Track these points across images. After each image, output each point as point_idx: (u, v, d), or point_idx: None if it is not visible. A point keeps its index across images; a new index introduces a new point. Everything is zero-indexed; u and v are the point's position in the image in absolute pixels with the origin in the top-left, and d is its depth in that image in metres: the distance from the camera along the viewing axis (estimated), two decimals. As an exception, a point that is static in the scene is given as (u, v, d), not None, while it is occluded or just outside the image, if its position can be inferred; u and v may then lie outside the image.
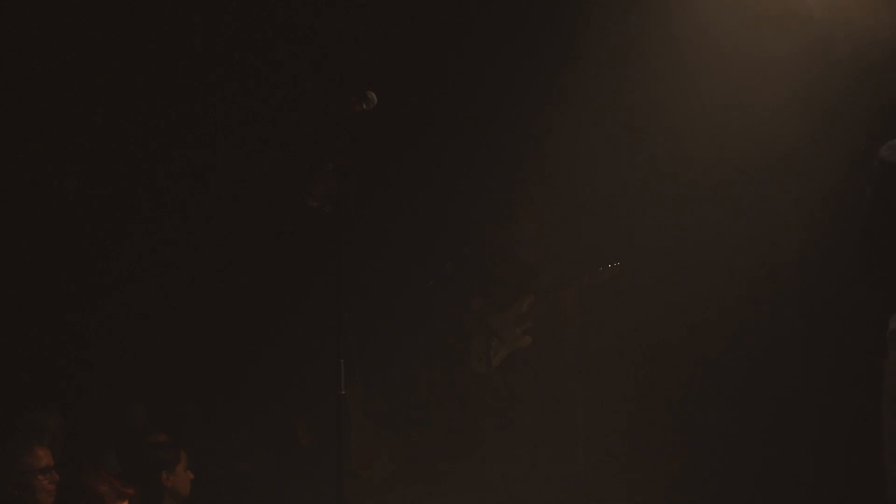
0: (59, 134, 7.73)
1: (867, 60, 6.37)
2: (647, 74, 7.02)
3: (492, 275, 7.67)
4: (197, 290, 7.88)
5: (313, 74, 7.69)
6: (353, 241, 5.68)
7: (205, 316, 7.85)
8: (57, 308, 7.67)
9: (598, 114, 7.12)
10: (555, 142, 7.48)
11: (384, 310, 7.66)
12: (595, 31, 7.10)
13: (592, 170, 7.43)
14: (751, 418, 7.16)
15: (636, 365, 7.32)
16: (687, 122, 6.94)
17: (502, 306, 7.53)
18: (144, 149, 7.89)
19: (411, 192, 7.86)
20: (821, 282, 6.96)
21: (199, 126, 7.90)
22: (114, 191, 7.88)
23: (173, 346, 7.78)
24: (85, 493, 5.14)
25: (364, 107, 5.14)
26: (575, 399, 7.48)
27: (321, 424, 7.47)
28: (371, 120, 5.28)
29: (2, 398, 6.91)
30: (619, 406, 7.30)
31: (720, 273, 7.03)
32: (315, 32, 7.73)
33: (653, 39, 6.88)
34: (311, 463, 7.35)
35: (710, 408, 7.14)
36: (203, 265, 7.88)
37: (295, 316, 7.81)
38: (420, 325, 7.78)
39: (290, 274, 7.85)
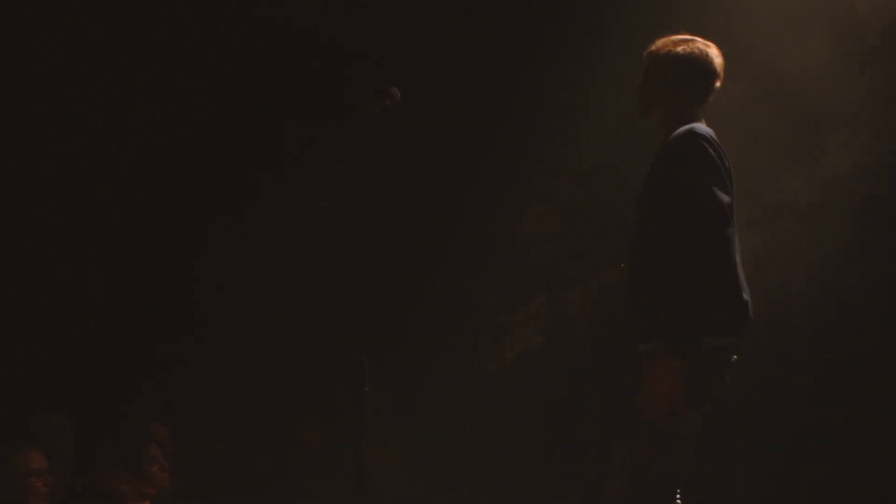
0: (58, 133, 7.70)
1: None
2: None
3: (503, 274, 7.69)
4: (202, 288, 7.84)
5: (327, 73, 7.70)
6: (362, 240, 5.69)
7: (210, 315, 7.81)
8: (63, 306, 7.63)
9: (609, 113, 7.14)
10: (566, 141, 7.52)
11: (394, 309, 7.65)
12: (608, 29, 7.13)
13: (604, 170, 7.46)
14: (759, 418, 7.21)
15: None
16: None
17: (513, 306, 7.55)
18: (149, 148, 7.85)
19: (422, 191, 7.87)
20: (828, 283, 7.04)
21: (207, 125, 7.87)
22: (116, 189, 7.83)
23: (179, 346, 7.74)
24: (105, 494, 5.11)
25: (387, 103, 5.13)
26: (584, 399, 7.50)
27: (329, 426, 7.48)
28: (383, 119, 5.28)
29: (10, 398, 6.86)
30: (629, 406, 7.31)
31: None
32: (326, 30, 7.74)
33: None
34: (319, 465, 7.37)
35: (717, 408, 7.15)
36: (208, 264, 7.85)
37: (301, 316, 7.81)
38: (431, 324, 7.79)
39: (297, 273, 7.83)
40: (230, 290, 7.84)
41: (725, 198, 4.25)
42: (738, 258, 4.32)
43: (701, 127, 4.36)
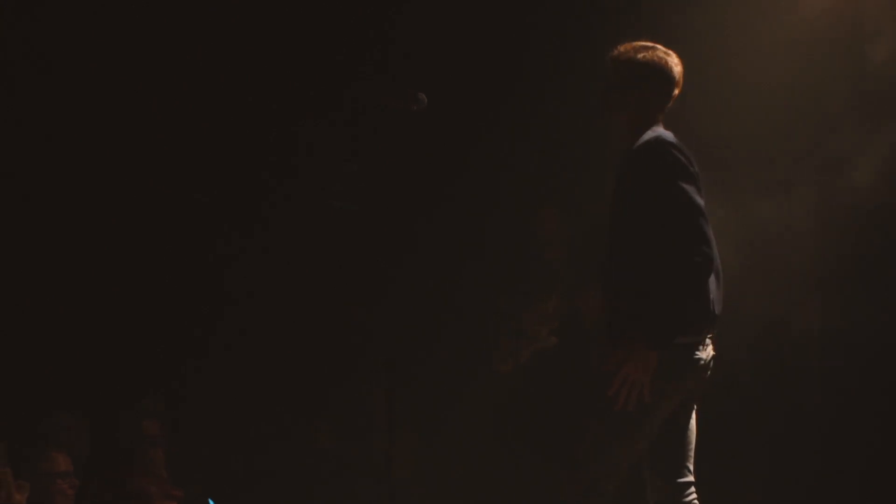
0: (74, 135, 7.69)
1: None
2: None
3: (518, 276, 7.74)
4: (214, 288, 7.85)
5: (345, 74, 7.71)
6: (377, 241, 5.70)
7: (226, 317, 7.82)
8: (78, 307, 7.61)
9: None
10: (580, 142, 7.56)
11: (409, 310, 7.68)
12: (624, 33, 7.17)
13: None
14: (767, 420, 7.30)
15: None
16: (714, 125, 7.06)
17: (528, 307, 7.60)
18: (163, 148, 7.84)
19: (438, 192, 7.88)
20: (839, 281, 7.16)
21: (221, 123, 7.87)
22: (132, 192, 7.82)
23: (194, 347, 7.74)
24: (133, 495, 5.13)
25: (414, 108, 5.19)
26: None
27: (342, 425, 7.51)
28: (398, 120, 5.32)
29: (25, 399, 6.85)
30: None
31: (740, 273, 7.14)
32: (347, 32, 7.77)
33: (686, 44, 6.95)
34: (335, 465, 7.39)
35: (727, 408, 7.23)
36: (220, 264, 7.85)
37: (313, 316, 7.82)
38: (447, 325, 7.82)
39: (313, 275, 7.84)
40: (247, 290, 7.83)
41: (700, 200, 4.37)
42: (717, 256, 4.40)
43: (666, 133, 4.48)
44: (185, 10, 7.77)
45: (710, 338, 4.48)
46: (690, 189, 4.34)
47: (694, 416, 4.62)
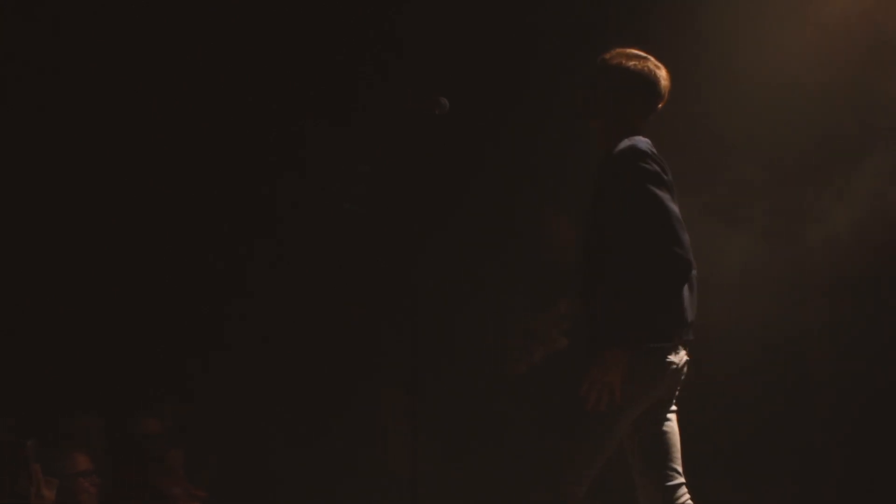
0: (84, 141, 7.68)
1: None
2: (680, 80, 7.18)
3: (530, 279, 7.77)
4: (222, 289, 7.85)
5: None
6: (387, 243, 5.70)
7: (231, 318, 7.81)
8: (90, 308, 7.59)
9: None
10: (589, 145, 7.58)
11: (419, 312, 7.69)
12: (630, 36, 7.22)
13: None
14: (767, 421, 7.36)
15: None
16: (722, 130, 7.12)
17: (539, 309, 7.64)
18: (172, 151, 7.83)
19: (448, 195, 7.88)
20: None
21: (230, 124, 7.86)
22: (134, 189, 7.80)
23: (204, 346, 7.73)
24: (157, 495, 5.15)
25: (437, 112, 5.21)
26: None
27: (354, 424, 7.52)
28: (408, 123, 5.34)
29: (44, 402, 6.84)
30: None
31: (747, 275, 7.21)
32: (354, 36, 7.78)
33: (687, 46, 6.99)
34: (343, 467, 7.40)
35: (734, 409, 7.30)
36: (229, 265, 7.85)
37: (321, 318, 7.82)
38: (456, 327, 7.82)
39: (318, 275, 7.84)
40: (251, 292, 7.82)
41: (674, 206, 4.41)
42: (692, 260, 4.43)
43: (640, 142, 4.48)
44: (185, 10, 7.75)
45: (683, 343, 4.47)
46: (664, 196, 4.37)
47: (675, 418, 4.60)
